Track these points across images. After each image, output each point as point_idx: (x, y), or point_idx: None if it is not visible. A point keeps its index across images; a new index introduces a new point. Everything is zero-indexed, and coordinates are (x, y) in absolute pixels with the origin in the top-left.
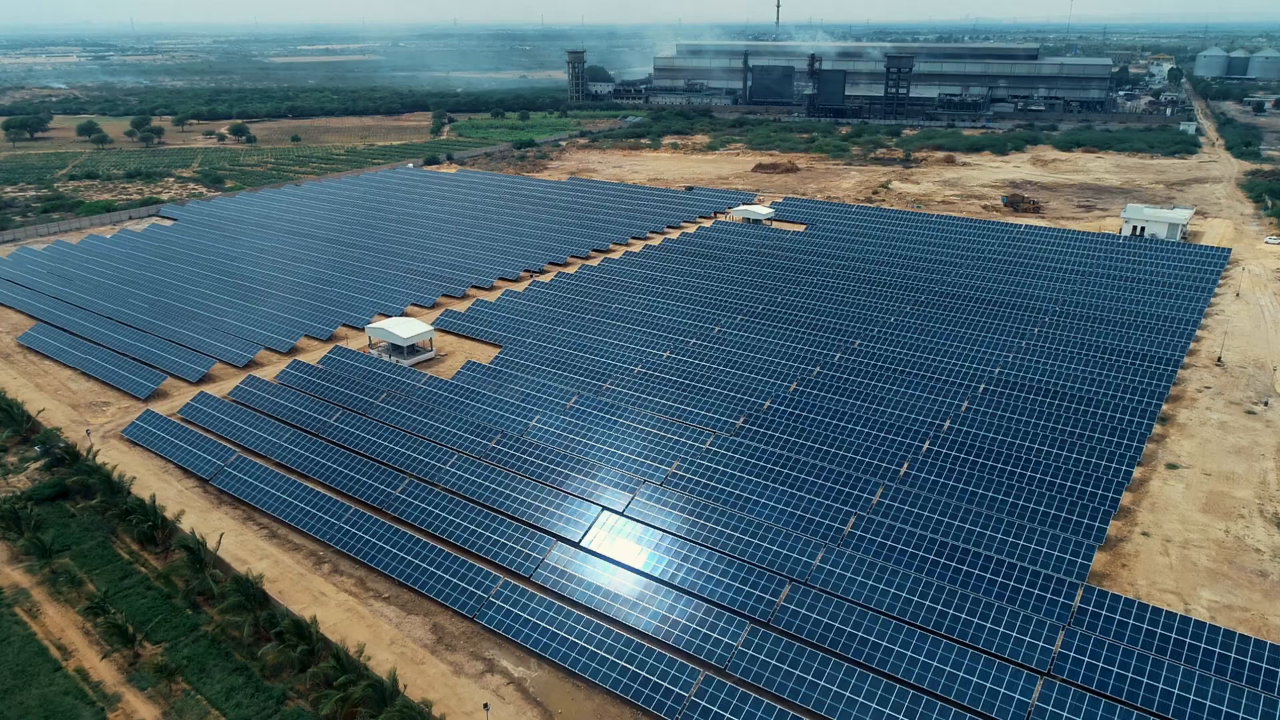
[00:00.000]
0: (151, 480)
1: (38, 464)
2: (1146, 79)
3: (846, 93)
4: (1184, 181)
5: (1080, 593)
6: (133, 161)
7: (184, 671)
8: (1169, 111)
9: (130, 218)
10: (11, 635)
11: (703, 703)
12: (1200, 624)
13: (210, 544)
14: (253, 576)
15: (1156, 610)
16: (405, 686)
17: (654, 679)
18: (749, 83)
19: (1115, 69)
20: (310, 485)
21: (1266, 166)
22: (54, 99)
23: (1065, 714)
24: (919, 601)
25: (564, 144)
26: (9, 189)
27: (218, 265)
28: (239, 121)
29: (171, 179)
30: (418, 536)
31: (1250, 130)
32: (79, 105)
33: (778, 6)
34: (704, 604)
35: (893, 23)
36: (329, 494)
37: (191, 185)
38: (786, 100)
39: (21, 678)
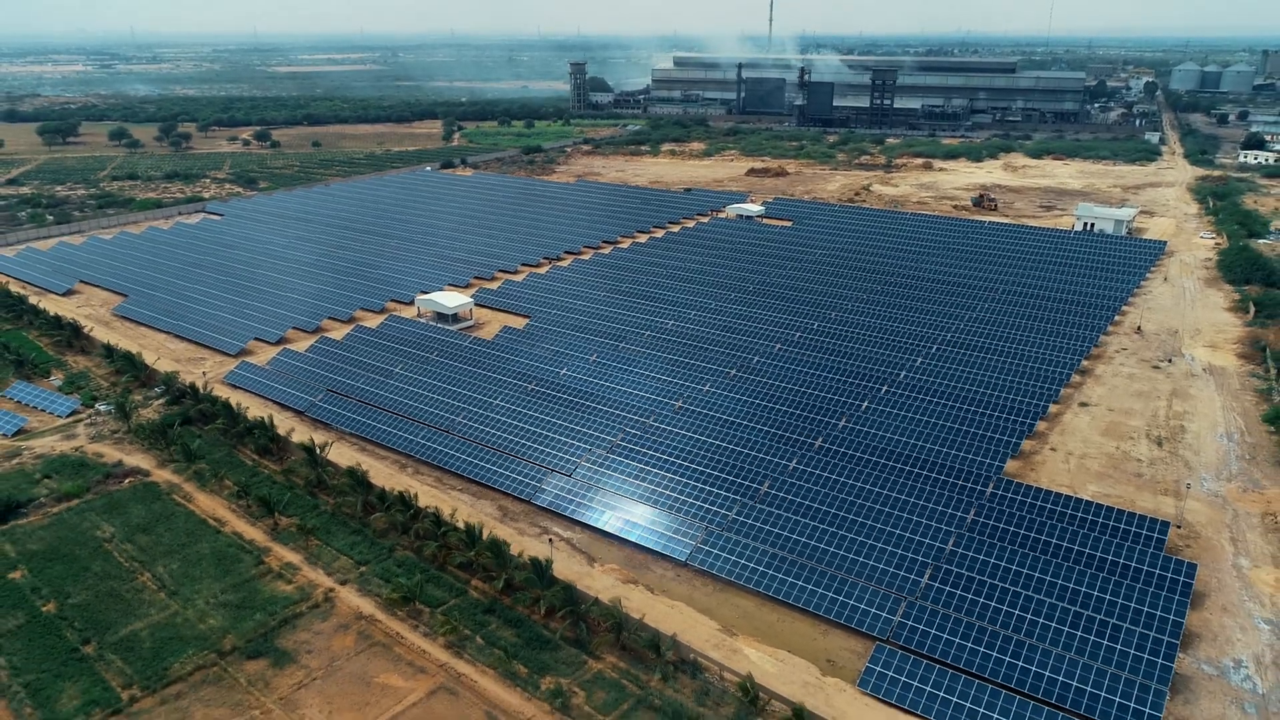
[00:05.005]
0: (257, 412)
1: (159, 401)
2: (1124, 92)
3: (835, 103)
4: (1140, 186)
5: (994, 482)
6: (168, 164)
7: (315, 532)
8: (1139, 123)
9: (180, 213)
10: (176, 513)
11: (705, 546)
12: (1080, 500)
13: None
14: (358, 470)
15: (1049, 492)
16: (488, 535)
17: (669, 534)
18: (742, 94)
19: (1092, 82)
20: (387, 414)
21: (1217, 173)
22: (74, 106)
23: (971, 554)
24: (864, 486)
25: (569, 150)
26: (59, 188)
27: (272, 252)
28: (261, 128)
29: (208, 179)
30: (480, 448)
31: (1210, 140)
32: (100, 112)
33: (770, 20)
34: (705, 489)
35: (884, 35)
36: (404, 420)
37: (228, 185)
38: (778, 110)
39: (192, 538)
